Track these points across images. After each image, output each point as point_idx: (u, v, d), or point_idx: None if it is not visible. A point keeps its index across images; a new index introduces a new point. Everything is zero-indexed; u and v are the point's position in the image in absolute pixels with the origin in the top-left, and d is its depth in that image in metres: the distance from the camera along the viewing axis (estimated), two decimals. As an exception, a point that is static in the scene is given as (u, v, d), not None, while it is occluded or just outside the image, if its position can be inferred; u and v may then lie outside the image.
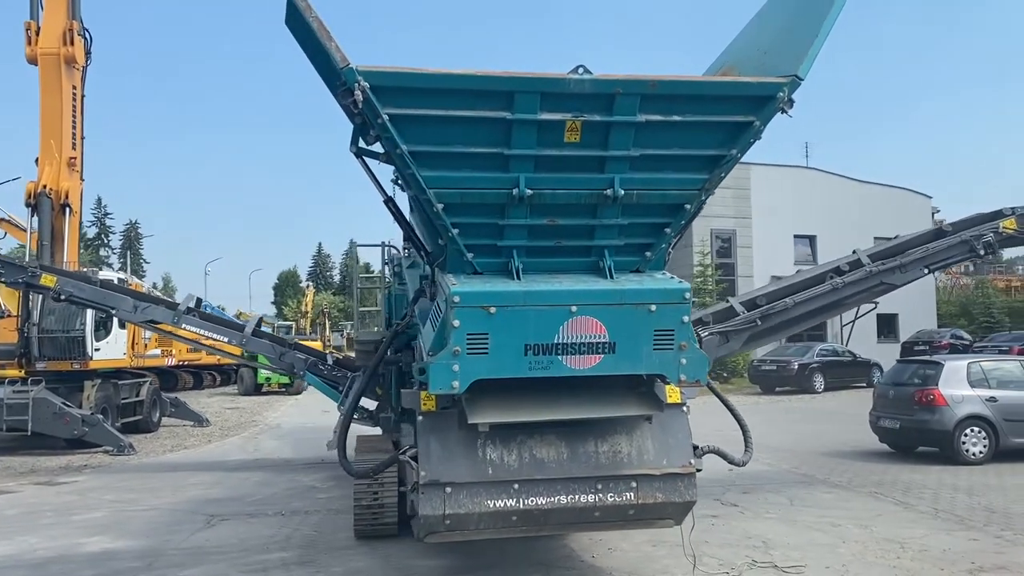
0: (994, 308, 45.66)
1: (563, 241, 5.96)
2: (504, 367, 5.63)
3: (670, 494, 6.28)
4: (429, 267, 6.24)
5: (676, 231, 6.08)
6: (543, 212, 5.78)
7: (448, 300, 5.56)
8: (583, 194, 5.73)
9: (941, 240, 10.20)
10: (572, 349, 5.67)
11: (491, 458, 6.09)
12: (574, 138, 5.54)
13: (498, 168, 5.57)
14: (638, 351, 5.76)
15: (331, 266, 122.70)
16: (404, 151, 5.36)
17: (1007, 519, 9.11)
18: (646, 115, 5.50)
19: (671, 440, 6.37)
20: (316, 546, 8.42)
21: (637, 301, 5.71)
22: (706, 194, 5.92)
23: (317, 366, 13.61)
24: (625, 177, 5.68)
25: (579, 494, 6.14)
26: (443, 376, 5.54)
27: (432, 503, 5.96)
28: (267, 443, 17.87)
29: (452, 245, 5.82)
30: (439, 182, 5.53)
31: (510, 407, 5.86)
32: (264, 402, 29.38)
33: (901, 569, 7.23)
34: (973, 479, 11.55)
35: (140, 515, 10.26)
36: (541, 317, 5.60)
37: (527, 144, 5.48)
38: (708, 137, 5.69)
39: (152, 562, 7.90)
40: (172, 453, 16.55)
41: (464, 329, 5.53)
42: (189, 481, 12.79)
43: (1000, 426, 12.68)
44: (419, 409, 6.11)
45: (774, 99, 5.51)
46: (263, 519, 9.89)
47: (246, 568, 7.60)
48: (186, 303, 13.49)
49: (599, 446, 6.25)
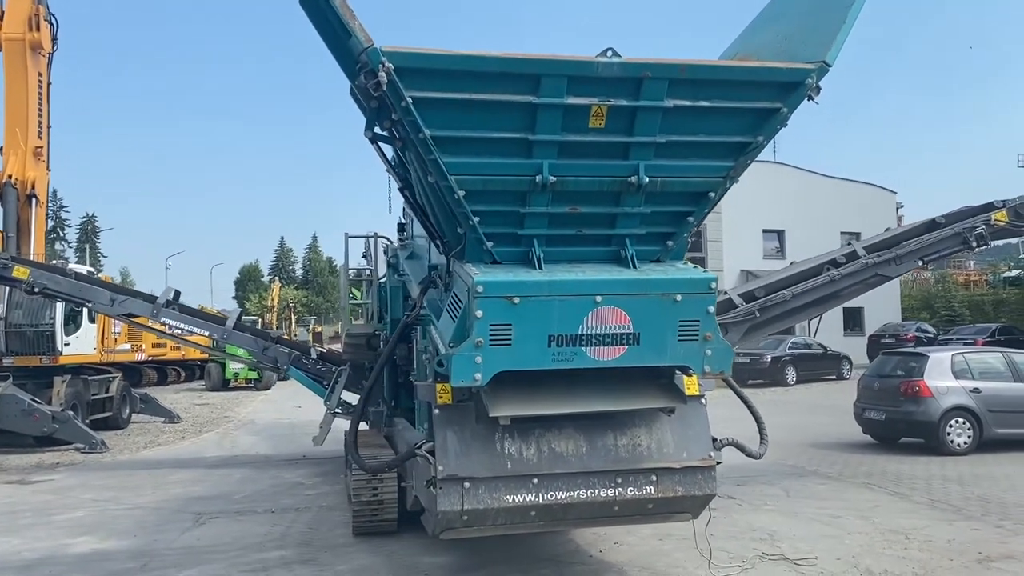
0: (955, 302, 46.51)
1: (584, 230, 5.83)
2: (527, 359, 5.49)
3: (690, 487, 6.18)
4: (445, 256, 6.05)
5: (699, 220, 5.98)
6: (565, 200, 5.64)
7: (471, 290, 5.39)
8: (606, 181, 5.59)
9: (934, 232, 10.26)
10: (596, 340, 5.54)
11: (510, 452, 5.94)
12: (599, 123, 5.41)
13: (521, 154, 5.41)
14: (663, 342, 5.64)
15: (293, 260, 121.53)
16: (427, 136, 5.18)
17: (1003, 509, 9.18)
18: (674, 100, 5.38)
19: (690, 432, 6.27)
20: (314, 544, 8.20)
21: (662, 291, 5.60)
22: (730, 182, 5.82)
23: (301, 360, 13.35)
24: (650, 164, 5.56)
25: (599, 488, 6.01)
26: (465, 368, 5.38)
27: (451, 498, 5.79)
28: (244, 439, 17.53)
29: (472, 234, 5.66)
30: (462, 168, 5.36)
31: (531, 400, 5.71)
32: (233, 398, 28.88)
33: (911, 560, 7.23)
34: (960, 469, 11.65)
35: (125, 514, 9.94)
36: (565, 307, 5.46)
37: (552, 129, 5.33)
38: (734, 123, 5.58)
39: (147, 563, 7.63)
40: (146, 450, 16.15)
41: (487, 320, 5.37)
42: (169, 479, 12.46)
43: (984, 417, 12.82)
44: (435, 402, 5.93)
45: (802, 85, 5.42)
46: (253, 517, 9.63)
47: (246, 567, 7.37)
48: (165, 296, 13.13)
49: (618, 439, 6.13)
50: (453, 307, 5.75)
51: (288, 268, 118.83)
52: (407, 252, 8.79)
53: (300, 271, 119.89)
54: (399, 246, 9.28)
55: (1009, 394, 13.06)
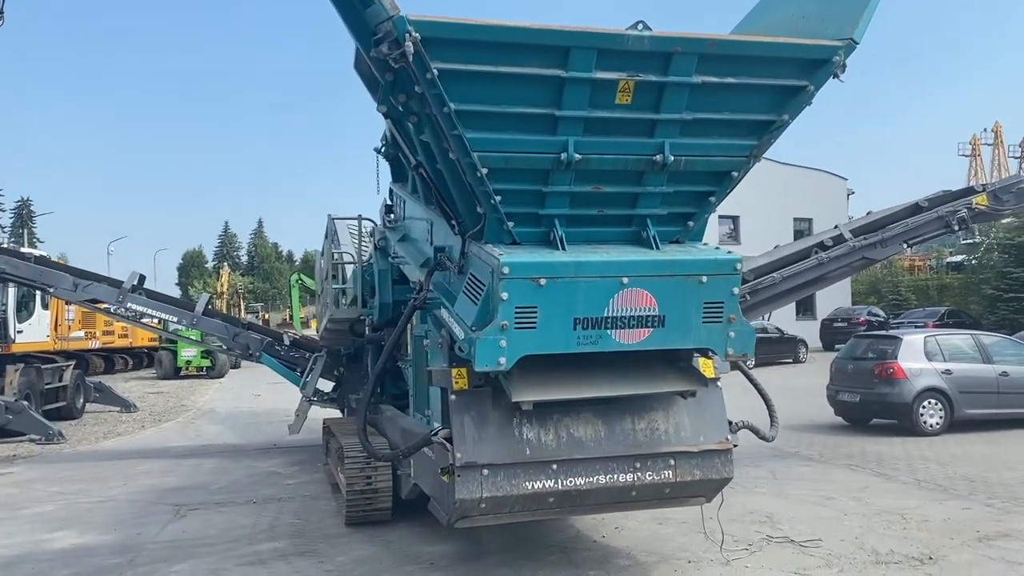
0: (901, 287, 47.62)
1: (605, 210, 5.68)
2: (552, 342, 5.33)
3: (707, 471, 6.11)
4: (460, 237, 5.84)
5: (720, 200, 5.87)
6: (588, 179, 5.48)
7: (495, 271, 5.21)
8: (631, 160, 5.45)
9: (918, 216, 10.36)
10: (621, 323, 5.41)
11: (528, 438, 5.79)
12: (625, 99, 5.25)
13: (546, 131, 5.23)
14: (687, 324, 5.53)
15: (238, 246, 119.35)
16: (452, 110, 4.96)
17: (988, 488, 9.33)
18: (702, 76, 5.25)
19: (707, 416, 6.18)
20: (307, 535, 7.95)
21: (688, 272, 5.48)
22: (754, 161, 5.72)
23: (273, 347, 13.03)
24: (675, 142, 5.42)
25: (617, 473, 5.90)
26: (490, 352, 5.20)
27: (469, 486, 5.61)
28: (208, 428, 17.08)
29: (492, 213, 5.47)
30: (485, 144, 5.16)
31: (552, 384, 5.56)
32: (187, 386, 28.19)
33: (913, 540, 7.27)
34: (937, 449, 11.85)
35: (97, 507, 9.55)
36: (591, 289, 5.31)
37: (578, 105, 5.16)
38: (760, 101, 5.47)
39: (134, 557, 7.30)
40: (107, 440, 15.62)
41: (512, 302, 5.20)
42: (137, 469, 12.04)
43: (955, 398, 13.07)
44: (451, 388, 5.74)
45: (829, 63, 5.33)
46: (235, 508, 9.33)
47: (241, 561, 7.10)
48: (131, 280, 12.64)
49: (636, 423, 6.02)
50: (473, 289, 5.55)
51: (233, 254, 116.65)
52: (399, 235, 8.52)
53: (245, 257, 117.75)
54: (389, 228, 9.00)
55: (978, 375, 13.33)
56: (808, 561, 6.71)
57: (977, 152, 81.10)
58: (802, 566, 6.59)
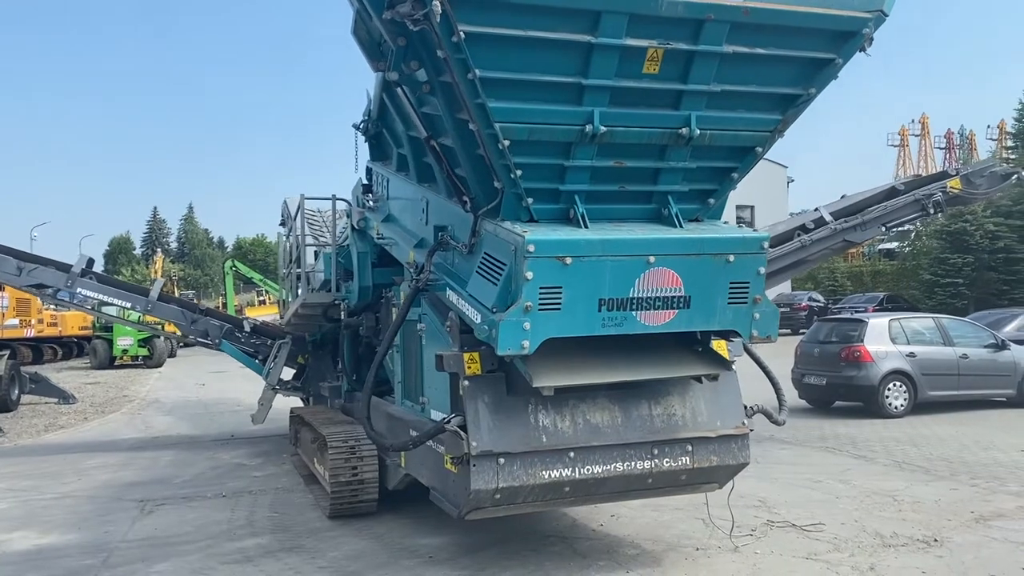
0: (838, 273, 48.71)
1: (626, 185, 5.45)
2: (577, 324, 5.09)
3: (724, 456, 5.96)
4: (473, 215, 5.52)
5: (742, 177, 5.68)
6: (610, 153, 5.24)
7: (519, 250, 4.93)
8: (656, 133, 5.21)
9: (895, 199, 10.40)
10: (647, 304, 5.19)
11: (544, 425, 5.53)
12: (653, 69, 5.01)
13: (572, 101, 4.97)
14: (712, 305, 5.35)
15: (167, 232, 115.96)
16: (476, 76, 4.65)
17: (968, 468, 9.43)
18: (732, 46, 5.03)
19: (723, 400, 6.03)
20: (290, 529, 7.56)
21: (715, 251, 5.29)
22: (778, 136, 5.54)
23: (233, 333, 12.48)
24: (701, 115, 5.21)
25: (635, 460, 5.69)
26: (513, 335, 4.93)
27: (485, 476, 5.34)
28: (157, 420, 16.37)
29: (511, 188, 5.18)
30: (508, 115, 4.87)
31: (571, 369, 5.30)
32: (125, 376, 27.15)
33: (911, 522, 7.25)
34: (905, 431, 11.99)
35: (54, 504, 8.97)
36: (618, 269, 5.08)
37: (605, 74, 4.90)
38: (787, 73, 5.29)
39: (107, 557, 6.83)
40: (49, 434, 14.82)
41: (537, 282, 4.93)
42: (88, 464, 11.40)
43: (918, 380, 13.26)
44: (463, 373, 5.44)
45: (859, 36, 5.17)
46: (204, 502, 8.86)
47: (226, 559, 6.69)
48: (80, 264, 11.94)
49: (652, 408, 5.82)
50: (491, 269, 5.25)
51: (162, 240, 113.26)
52: (381, 215, 8.14)
53: (175, 243, 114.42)
54: (369, 209, 8.61)
55: (940, 358, 13.56)
56: (816, 546, 6.62)
57: (905, 143, 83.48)
58: (812, 551, 6.49)
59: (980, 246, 32.36)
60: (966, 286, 32.64)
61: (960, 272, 32.46)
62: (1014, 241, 32.63)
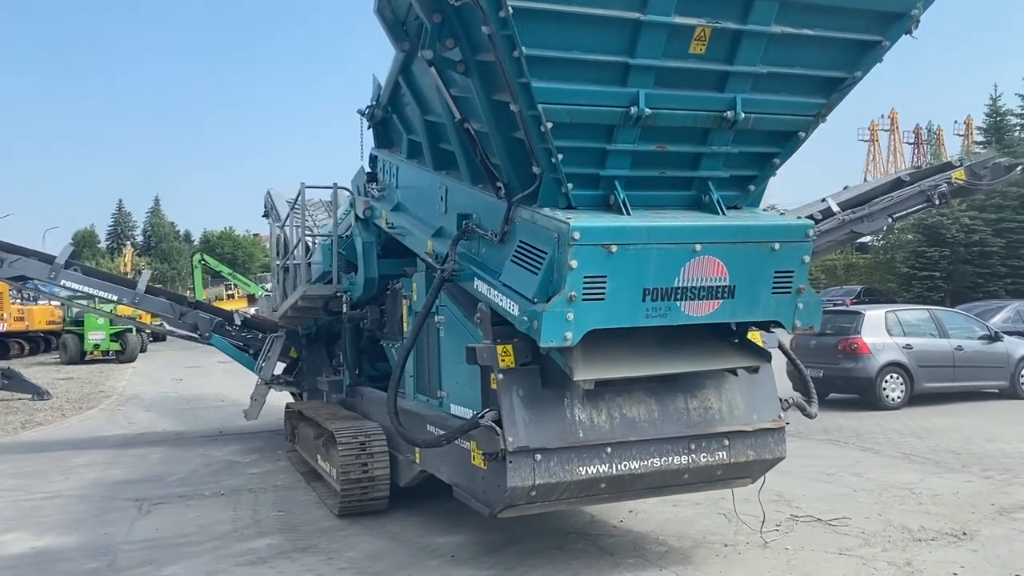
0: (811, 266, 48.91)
1: (667, 171, 5.25)
2: (620, 315, 4.89)
3: (761, 451, 5.81)
4: (507, 202, 5.29)
5: (783, 163, 5.50)
6: (653, 137, 5.03)
7: (562, 237, 4.72)
8: (700, 116, 5.02)
9: (901, 190, 10.34)
10: (691, 294, 5.01)
11: (580, 419, 5.34)
12: (699, 49, 4.82)
13: (616, 81, 4.75)
14: (756, 295, 5.18)
15: (133, 225, 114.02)
16: (522, 54, 4.43)
17: (978, 460, 9.40)
18: (780, 26, 4.86)
19: (759, 393, 5.87)
20: (299, 529, 7.30)
21: (761, 239, 5.12)
22: (821, 120, 5.37)
23: (224, 327, 12.14)
24: (746, 98, 5.02)
25: (672, 455, 5.52)
26: (557, 326, 4.72)
27: (521, 473, 5.13)
28: (139, 416, 15.96)
29: (551, 174, 4.97)
30: (552, 95, 4.64)
31: (610, 361, 5.11)
32: (98, 371, 26.56)
33: (935, 515, 7.17)
34: (905, 422, 11.97)
35: (45, 504, 8.63)
36: (663, 257, 4.89)
37: (652, 53, 4.69)
38: (833, 56, 5.11)
39: (112, 560, 6.52)
40: (28, 431, 14.36)
41: (581, 271, 4.72)
42: (75, 462, 11.02)
43: (915, 372, 13.26)
44: (497, 367, 5.23)
45: (907, 17, 5.02)
46: (203, 501, 8.57)
47: (240, 560, 6.42)
48: (64, 255, 11.54)
49: (689, 402, 5.64)
50: (529, 258, 5.03)
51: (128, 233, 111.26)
52: (390, 204, 7.87)
53: (141, 237, 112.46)
54: (376, 197, 8.33)
55: (936, 349, 13.57)
56: (846, 541, 6.50)
57: (875, 137, 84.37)
58: (843, 546, 6.37)
59: (956, 239, 32.72)
60: (943, 279, 32.99)
61: (937, 265, 32.81)
62: (989, 235, 33.03)
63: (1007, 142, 37.10)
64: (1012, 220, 33.19)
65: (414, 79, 6.51)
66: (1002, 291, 31.99)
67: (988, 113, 41.00)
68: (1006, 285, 32.69)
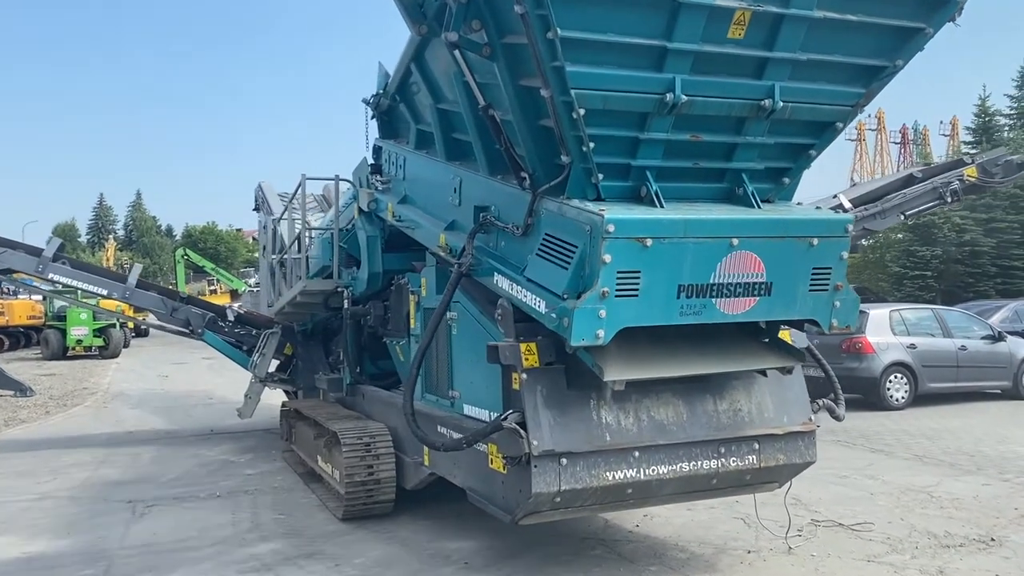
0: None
1: (700, 162, 5.00)
2: (654, 313, 4.65)
3: (791, 455, 5.58)
4: (532, 193, 5.03)
5: (818, 154, 5.27)
6: (687, 125, 4.78)
7: (595, 230, 4.47)
8: (736, 104, 4.77)
9: (914, 187, 10.17)
10: (727, 291, 4.78)
11: (607, 422, 5.09)
12: (738, 34, 4.57)
13: (651, 66, 4.50)
14: (793, 292, 4.95)
15: (114, 219, 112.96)
16: (557, 36, 4.17)
17: (992, 462, 9.24)
18: (823, 11, 4.62)
19: (789, 395, 5.65)
20: (303, 533, 7.02)
21: (800, 234, 4.88)
22: (859, 111, 5.15)
23: (217, 323, 11.82)
24: (784, 86, 4.78)
25: (701, 460, 5.29)
26: (588, 324, 4.47)
27: (547, 478, 4.88)
28: (126, 413, 15.57)
29: (581, 163, 4.71)
30: (586, 80, 4.39)
31: (641, 361, 4.86)
32: (81, 367, 26.05)
33: (959, 520, 6.99)
34: (912, 423, 11.82)
35: (34, 506, 8.29)
36: (699, 252, 4.65)
37: (690, 37, 4.44)
38: (874, 43, 4.88)
39: (108, 567, 6.23)
40: (10, 429, 13.95)
41: (615, 266, 4.48)
42: (63, 461, 10.67)
43: (919, 372, 13.11)
44: (520, 366, 4.97)
45: (952, 3, 4.79)
46: (200, 503, 8.27)
47: (243, 567, 6.13)
48: (52, 248, 11.19)
49: (718, 404, 5.41)
50: (557, 252, 4.77)
51: (109, 227, 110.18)
52: (397, 196, 7.60)
53: (122, 231, 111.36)
54: (381, 190, 8.05)
55: (940, 349, 13.43)
56: (873, 547, 6.29)
57: (862, 137, 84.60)
58: (870, 553, 6.16)
59: (948, 239, 32.63)
60: (934, 278, 32.91)
61: (928, 265, 32.69)
62: (979, 234, 32.97)
63: (996, 142, 37.11)
64: (1002, 220, 33.14)
65: (427, 65, 6.25)
66: (992, 291, 31.98)
67: (977, 114, 41.02)
68: (996, 285, 32.65)
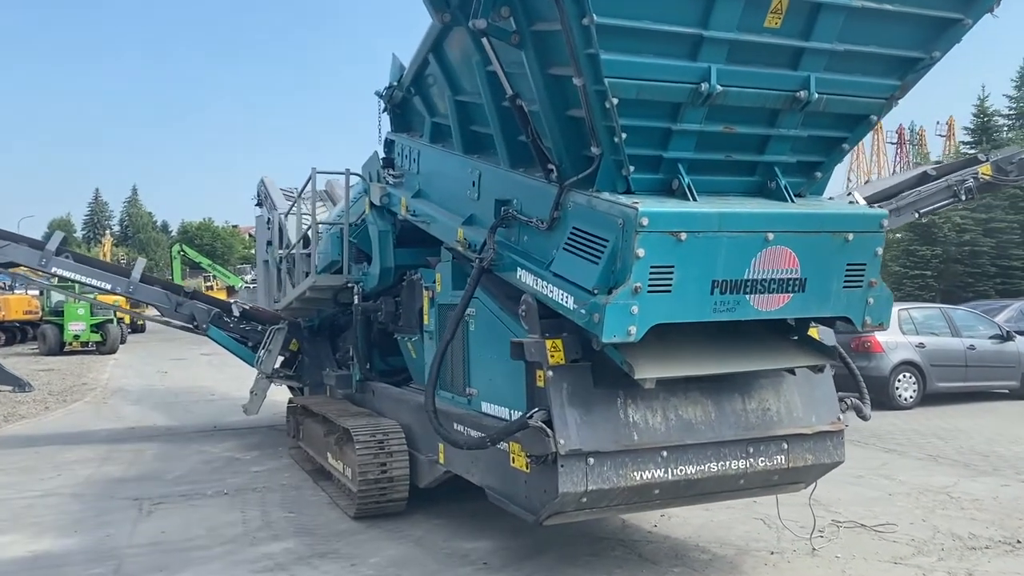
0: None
1: (732, 154, 4.88)
2: (688, 309, 4.53)
3: (820, 455, 5.46)
4: (558, 185, 4.91)
5: (852, 147, 5.16)
6: (721, 117, 4.67)
7: (628, 223, 4.35)
8: (771, 95, 4.65)
9: (928, 185, 10.07)
10: (761, 287, 4.66)
11: (635, 421, 4.97)
12: (775, 22, 4.45)
13: (686, 55, 4.38)
14: (827, 289, 4.83)
15: (110, 215, 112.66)
16: (592, 22, 4.04)
17: (1007, 463, 9.16)
18: (861, 0, 4.50)
19: (817, 394, 5.53)
20: (315, 532, 6.89)
21: (835, 229, 4.77)
22: (894, 104, 5.03)
23: (222, 318, 11.66)
24: (820, 77, 4.66)
25: (730, 459, 5.17)
26: (620, 320, 4.35)
27: (573, 478, 4.76)
28: (127, 409, 15.41)
29: (612, 155, 4.59)
30: (620, 69, 4.26)
31: (671, 358, 4.75)
32: (78, 362, 25.88)
33: (982, 521, 6.89)
34: (923, 423, 11.74)
35: (39, 503, 8.15)
36: (734, 247, 4.54)
37: (727, 25, 4.33)
38: (911, 34, 4.76)
39: (118, 566, 6.09)
40: (9, 424, 13.79)
41: (648, 260, 4.36)
42: (67, 457, 10.52)
43: (927, 371, 13.03)
44: (547, 363, 4.85)
45: (991, -6, 4.69)
46: (207, 501, 8.13)
47: (255, 567, 6.00)
48: (55, 241, 11.02)
49: (747, 403, 5.29)
50: (587, 246, 4.65)
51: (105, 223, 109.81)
52: (411, 190, 7.46)
53: (118, 227, 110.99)
54: (394, 184, 7.91)
55: (949, 348, 13.35)
56: (898, 549, 6.18)
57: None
58: (896, 555, 6.05)
59: (948, 238, 32.61)
60: (934, 278, 32.89)
61: (928, 264, 32.69)
62: (979, 234, 32.96)
63: (995, 142, 37.09)
64: (1002, 220, 33.14)
65: (445, 55, 6.12)
66: (992, 291, 31.96)
67: (976, 114, 40.98)
68: (996, 285, 32.65)
